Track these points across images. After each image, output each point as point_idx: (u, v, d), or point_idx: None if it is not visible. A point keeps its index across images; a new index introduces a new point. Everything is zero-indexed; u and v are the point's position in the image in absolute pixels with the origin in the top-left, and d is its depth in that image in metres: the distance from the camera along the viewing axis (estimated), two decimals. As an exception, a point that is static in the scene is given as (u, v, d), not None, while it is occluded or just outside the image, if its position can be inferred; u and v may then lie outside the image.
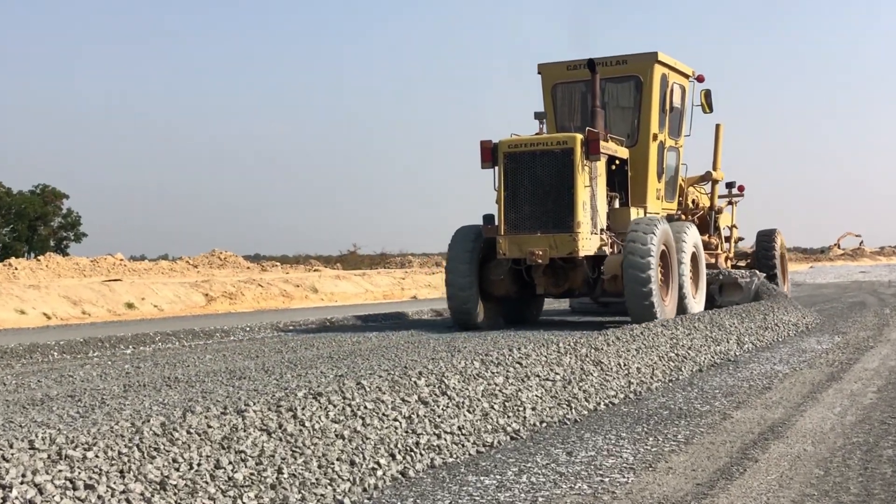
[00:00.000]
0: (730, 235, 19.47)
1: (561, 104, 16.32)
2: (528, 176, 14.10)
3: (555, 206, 13.94)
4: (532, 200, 14.09)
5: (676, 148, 16.87)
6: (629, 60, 15.81)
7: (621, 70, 15.83)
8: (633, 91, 15.92)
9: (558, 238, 13.84)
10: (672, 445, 6.12)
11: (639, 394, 8.27)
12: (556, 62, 16.33)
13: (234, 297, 28.04)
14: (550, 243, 13.86)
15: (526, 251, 13.96)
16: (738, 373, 9.48)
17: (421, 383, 6.78)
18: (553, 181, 13.98)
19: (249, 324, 15.68)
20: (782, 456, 5.74)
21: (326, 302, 30.10)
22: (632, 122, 15.99)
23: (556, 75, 16.23)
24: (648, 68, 15.64)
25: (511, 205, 14.16)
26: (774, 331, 13.19)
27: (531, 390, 7.51)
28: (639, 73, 15.74)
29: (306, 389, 6.34)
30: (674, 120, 16.55)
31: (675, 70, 16.36)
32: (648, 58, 15.71)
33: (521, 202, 14.14)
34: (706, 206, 18.45)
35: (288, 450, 5.39)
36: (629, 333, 10.32)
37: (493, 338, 12.77)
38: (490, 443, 6.30)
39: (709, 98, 16.99)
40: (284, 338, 14.30)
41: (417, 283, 37.49)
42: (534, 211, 14.06)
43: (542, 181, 14.05)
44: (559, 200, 13.92)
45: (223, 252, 42.95)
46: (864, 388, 8.19)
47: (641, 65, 15.72)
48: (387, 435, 5.93)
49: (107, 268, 34.81)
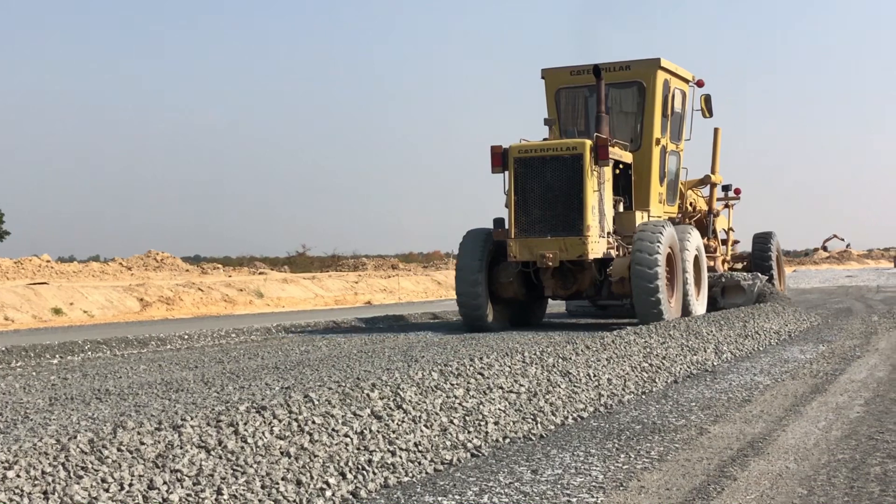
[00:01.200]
0: (726, 238, 20.80)
1: (564, 109, 17.55)
2: (539, 180, 15.37)
3: (564, 210, 15.24)
4: (542, 204, 15.37)
5: (677, 152, 18.20)
6: (632, 66, 17.09)
7: (625, 76, 17.10)
8: (637, 96, 17.23)
9: (568, 241, 15.15)
10: (645, 462, 6.14)
11: (609, 407, 8.29)
12: (559, 67, 17.51)
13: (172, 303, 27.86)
14: (560, 246, 15.18)
15: (536, 254, 15.29)
16: (716, 384, 9.53)
17: (374, 396, 6.76)
18: (563, 186, 15.25)
19: (188, 331, 15.58)
20: (763, 474, 5.78)
21: (272, 308, 29.98)
22: (634, 126, 17.28)
23: (559, 80, 17.46)
24: (652, 74, 16.92)
25: (521, 209, 15.43)
26: (755, 339, 13.29)
27: (494, 403, 7.50)
28: (642, 79, 17.01)
29: (249, 403, 6.30)
30: (675, 124, 17.88)
31: (676, 76, 17.64)
32: (651, 64, 16.99)
33: (532, 206, 15.42)
34: (704, 210, 19.76)
35: (228, 469, 5.35)
36: (599, 342, 10.35)
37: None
38: (449, 460, 6.28)
39: (709, 103, 18.33)
40: (226, 346, 14.22)
41: (372, 288, 37.43)
42: (544, 215, 15.35)
43: (551, 186, 15.32)
44: (569, 204, 15.20)
45: (160, 253, 42.67)
46: (851, 401, 8.26)
47: (644, 71, 17.01)
48: (337, 452, 5.90)
49: (32, 270, 34.45)
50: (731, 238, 21.08)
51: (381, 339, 14.70)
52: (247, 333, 15.80)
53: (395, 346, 13.29)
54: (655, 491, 5.47)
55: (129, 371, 11.03)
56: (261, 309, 29.41)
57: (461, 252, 16.14)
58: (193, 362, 11.85)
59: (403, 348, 12.73)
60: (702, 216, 19.67)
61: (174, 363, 11.82)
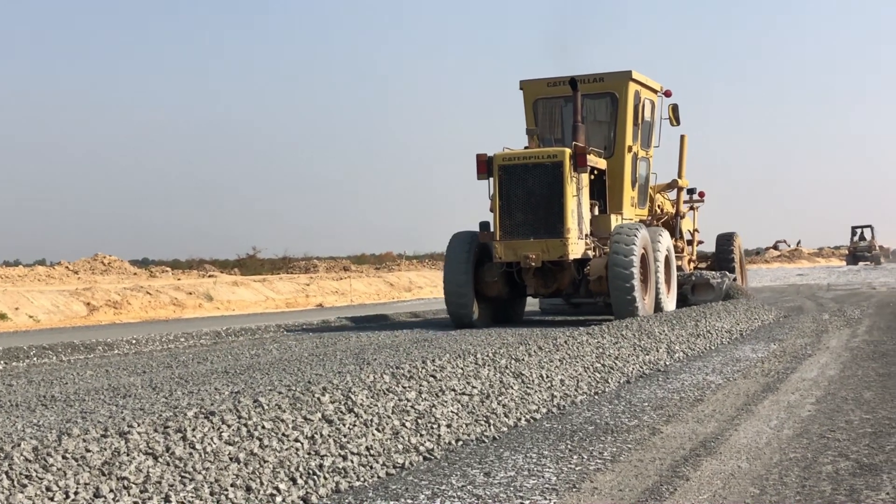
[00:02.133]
0: (692, 239, 22.00)
1: (542, 118, 18.73)
2: (522, 186, 16.53)
3: (546, 214, 16.41)
4: (525, 209, 16.52)
5: (647, 158, 19.56)
6: (606, 78, 18.32)
7: (598, 87, 18.31)
8: (610, 106, 18.45)
9: (550, 243, 16.36)
10: (598, 463, 6.16)
11: (562, 408, 8.31)
12: (537, 79, 18.72)
13: (119, 307, 27.62)
14: (543, 248, 16.39)
15: (520, 255, 16.48)
16: (669, 384, 9.58)
17: (325, 400, 6.73)
18: (544, 191, 16.42)
19: (136, 336, 15.44)
20: (715, 473, 5.81)
21: (222, 311, 29.81)
22: (608, 135, 18.48)
23: (537, 91, 18.68)
24: (623, 85, 18.19)
25: (506, 213, 16.58)
26: (707, 338, 13.39)
27: (446, 406, 7.50)
28: (614, 90, 18.27)
29: (197, 408, 6.25)
30: (645, 132, 19.14)
31: (646, 86, 18.92)
32: (623, 76, 18.24)
33: (515, 210, 16.56)
34: (671, 212, 21.00)
35: (176, 475, 5.30)
36: (552, 343, 10.38)
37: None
38: (401, 464, 6.27)
39: (676, 112, 19.59)
40: (175, 351, 14.11)
41: (323, 290, 37.33)
42: (527, 218, 16.50)
43: (534, 191, 16.49)
44: (550, 209, 16.38)
45: (107, 257, 42.22)
46: (802, 400, 8.34)
47: (617, 82, 18.27)
48: (287, 457, 5.87)
49: (-25, 275, 33.99)
50: (696, 238, 22.23)
51: (332, 341, 14.65)
52: (196, 337, 15.68)
53: (346, 348, 13.25)
54: (608, 492, 5.49)
55: (76, 377, 10.91)
56: (210, 312, 29.22)
57: (449, 254, 17.26)
58: (141, 367, 11.75)
59: (355, 351, 12.70)
60: (669, 218, 20.83)
61: (122, 368, 11.71)
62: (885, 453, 6.18)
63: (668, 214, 20.92)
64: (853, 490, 5.34)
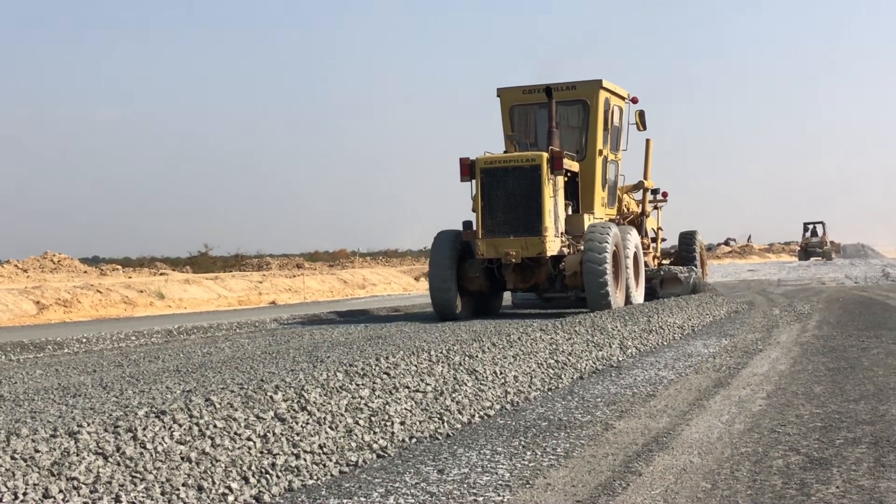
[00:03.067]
0: (656, 236, 23.22)
1: (518, 124, 19.72)
2: (502, 188, 17.62)
3: (525, 214, 17.51)
4: (505, 209, 17.61)
5: (616, 161, 20.68)
6: (577, 86, 19.38)
7: (571, 94, 19.34)
8: (582, 112, 19.55)
9: (529, 241, 17.44)
10: (551, 459, 6.17)
11: (516, 404, 8.33)
12: (513, 87, 19.72)
13: (70, 305, 27.34)
14: (522, 245, 17.47)
15: (501, 252, 17.56)
16: (621, 379, 9.63)
17: (278, 398, 6.70)
18: (523, 192, 17.51)
19: (86, 334, 15.29)
20: (667, 468, 5.85)
21: (174, 309, 29.59)
22: (579, 139, 19.58)
23: (513, 98, 19.70)
24: (594, 93, 19.25)
25: (487, 212, 17.66)
26: (659, 334, 13.47)
27: (400, 403, 7.49)
28: (586, 98, 19.33)
29: (148, 407, 6.20)
30: (614, 137, 20.30)
31: (615, 94, 20.02)
32: (594, 84, 19.28)
33: (496, 210, 17.65)
34: (637, 211, 22.16)
35: (127, 475, 5.25)
36: (506, 339, 10.40)
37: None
38: (354, 462, 6.25)
39: (642, 117, 20.65)
40: (126, 349, 14.00)
41: (277, 287, 37.16)
42: (507, 218, 17.59)
43: (513, 192, 17.57)
44: (529, 209, 17.50)
45: (57, 255, 41.79)
46: (753, 395, 8.41)
47: (588, 90, 19.32)
48: (239, 456, 5.83)
49: (-78, 273, 33.52)
50: (660, 236, 23.42)
51: (286, 339, 14.59)
52: (147, 336, 15.56)
53: (300, 346, 13.20)
54: (561, 488, 5.51)
55: (25, 376, 10.78)
56: (162, 311, 29.00)
57: (434, 251, 18.35)
58: (92, 366, 11.63)
59: (309, 349, 12.65)
60: (635, 217, 21.97)
61: (72, 367, 11.59)
62: (834, 447, 6.24)
63: (634, 213, 22.03)
64: (803, 484, 5.40)
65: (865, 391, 8.40)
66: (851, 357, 10.76)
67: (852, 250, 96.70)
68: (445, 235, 18.40)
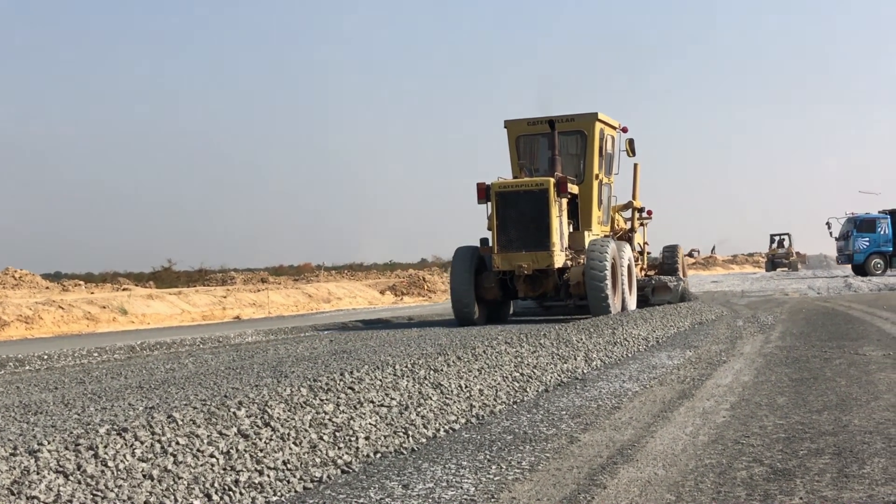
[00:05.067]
0: (642, 250, 25.66)
1: (523, 152, 22.14)
2: (515, 209, 20.01)
3: (535, 231, 19.94)
4: (518, 227, 20.03)
5: (609, 184, 23.24)
6: (576, 118, 21.75)
7: (570, 126, 21.77)
8: (580, 141, 21.98)
9: (539, 255, 19.94)
10: (516, 473, 6.16)
11: (481, 418, 8.32)
12: (519, 119, 22.11)
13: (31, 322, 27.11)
14: (533, 259, 19.98)
15: (515, 265, 20.07)
16: (586, 392, 9.64)
17: (241, 414, 6.66)
18: (533, 213, 19.90)
19: (48, 351, 15.16)
20: (632, 481, 5.85)
21: (137, 325, 29.40)
22: (578, 165, 22.02)
23: (519, 129, 22.12)
24: (591, 125, 21.65)
25: (502, 230, 20.07)
26: (624, 346, 13.50)
27: (364, 418, 7.46)
28: (583, 129, 21.76)
29: (110, 425, 6.14)
30: (608, 163, 22.85)
31: (608, 125, 22.48)
32: (591, 117, 21.68)
33: (510, 228, 20.06)
34: (626, 228, 24.67)
35: (88, 494, 5.20)
36: (471, 353, 10.39)
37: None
38: (319, 477, 6.22)
39: (632, 145, 23.30)
40: (88, 366, 13.88)
41: (241, 302, 37.01)
42: (519, 235, 20.02)
43: (525, 213, 19.96)
44: (539, 227, 19.91)
45: (17, 271, 41.44)
46: (717, 406, 8.44)
47: (585, 122, 21.73)
48: (202, 473, 5.79)
49: None
50: (646, 249, 25.93)
51: (250, 354, 14.52)
52: (110, 352, 15.44)
53: (264, 361, 13.14)
54: (527, 501, 5.50)
55: (-15, 394, 10.67)
56: (125, 326, 28.81)
57: (454, 264, 20.75)
58: (53, 383, 11.53)
59: (273, 364, 12.59)
60: (625, 233, 24.40)
61: (33, 385, 11.48)
62: (798, 458, 6.27)
63: (624, 230, 24.48)
64: (767, 495, 5.41)
65: (828, 402, 8.45)
66: (814, 368, 10.82)
67: (815, 261, 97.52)
68: (464, 251, 20.79)
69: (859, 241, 49.75)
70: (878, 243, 49.56)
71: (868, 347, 12.59)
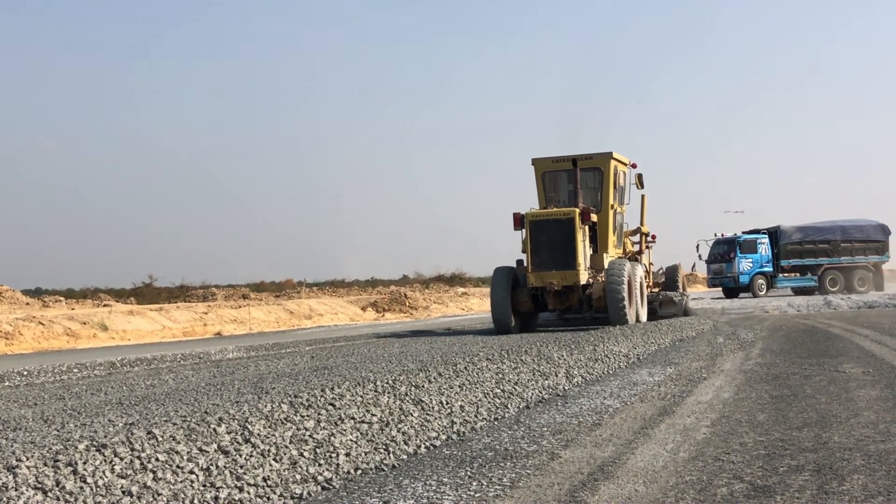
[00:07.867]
0: (648, 270, 28.83)
1: (549, 186, 25.84)
2: (546, 234, 23.60)
3: (564, 253, 23.53)
4: (548, 250, 23.61)
5: (622, 213, 26.85)
6: (594, 157, 25.47)
7: (589, 163, 25.42)
8: (597, 176, 25.65)
9: (566, 273, 23.55)
10: (497, 490, 6.15)
11: (462, 434, 8.30)
12: (544, 157, 25.83)
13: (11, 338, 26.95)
14: (562, 276, 23.56)
15: (546, 282, 23.63)
16: (567, 408, 9.63)
17: (221, 430, 6.63)
18: (562, 238, 23.53)
19: (28, 367, 15.07)
20: (613, 497, 5.84)
21: (118, 341, 29.27)
22: (595, 196, 25.58)
23: (544, 166, 25.85)
24: (607, 162, 25.36)
25: (535, 253, 23.68)
26: (605, 363, 13.50)
27: (345, 434, 7.44)
28: (600, 166, 25.45)
29: (89, 441, 6.10)
30: (620, 194, 26.48)
31: (621, 162, 26.20)
32: (606, 155, 25.40)
33: (541, 251, 23.66)
34: (634, 251, 28.36)
35: (66, 510, 5.16)
36: (452, 369, 10.38)
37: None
38: (299, 494, 6.19)
39: (641, 179, 27.27)
40: (68, 382, 13.80)
41: (222, 318, 36.91)
42: (550, 256, 23.61)
43: (555, 238, 23.57)
44: (566, 250, 23.51)
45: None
46: (698, 423, 8.44)
47: (602, 160, 25.42)
48: (181, 490, 5.75)
49: None
50: (651, 270, 29.31)
51: (230, 370, 14.46)
52: (90, 368, 15.36)
53: (245, 378, 13.09)
54: (507, 518, 5.48)
55: (-37, 410, 10.59)
56: (105, 342, 28.68)
57: (494, 281, 24.31)
58: (33, 399, 11.46)
59: (254, 380, 12.54)
60: (633, 255, 27.88)
61: (12, 401, 11.41)
62: (778, 475, 6.28)
63: (632, 252, 28.04)
64: (747, 511, 5.41)
65: (808, 419, 8.46)
66: (794, 385, 10.84)
67: None
68: (502, 270, 24.42)
69: (743, 262, 49.35)
70: (761, 263, 49.19)
71: (848, 365, 12.63)
